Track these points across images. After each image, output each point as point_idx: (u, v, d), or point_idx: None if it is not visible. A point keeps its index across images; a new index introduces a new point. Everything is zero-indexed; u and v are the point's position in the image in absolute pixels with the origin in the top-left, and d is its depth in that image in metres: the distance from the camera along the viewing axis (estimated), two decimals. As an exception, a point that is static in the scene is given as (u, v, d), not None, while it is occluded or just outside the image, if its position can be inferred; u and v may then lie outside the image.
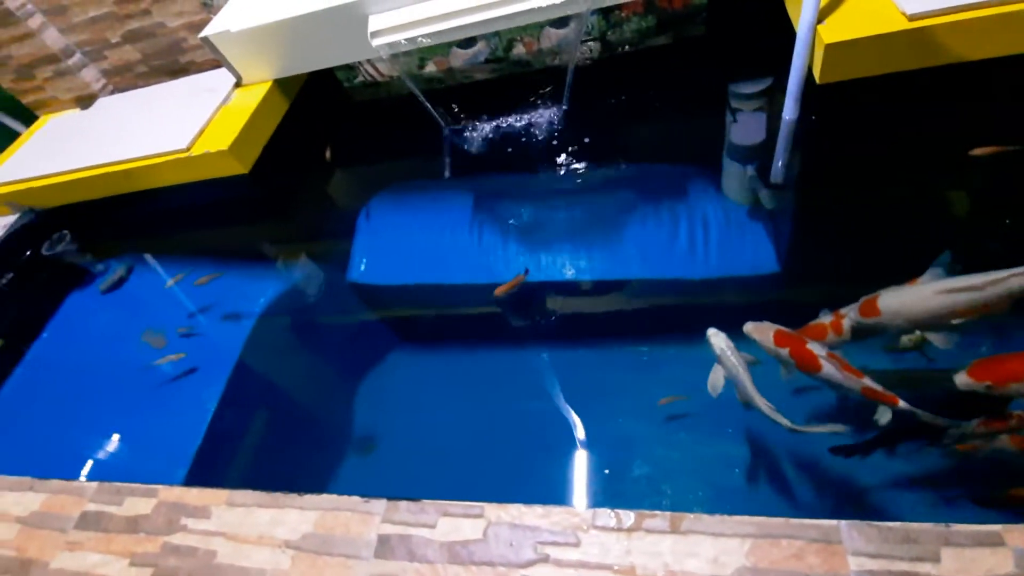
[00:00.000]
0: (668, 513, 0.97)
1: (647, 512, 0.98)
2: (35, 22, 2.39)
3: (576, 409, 1.55)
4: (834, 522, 0.90)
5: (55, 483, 1.41)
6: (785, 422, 1.13)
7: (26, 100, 2.71)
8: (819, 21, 1.47)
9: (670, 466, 1.40)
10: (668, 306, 1.75)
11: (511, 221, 2.00)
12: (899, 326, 1.11)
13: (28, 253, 2.42)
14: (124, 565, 1.20)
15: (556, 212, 2.02)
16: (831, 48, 1.43)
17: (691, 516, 0.95)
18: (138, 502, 1.29)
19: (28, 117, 2.78)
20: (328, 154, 2.52)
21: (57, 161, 2.27)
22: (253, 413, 1.87)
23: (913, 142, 1.70)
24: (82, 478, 1.69)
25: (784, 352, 1.14)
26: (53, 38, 2.44)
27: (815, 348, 1.10)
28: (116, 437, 1.82)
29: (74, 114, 2.62)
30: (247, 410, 1.86)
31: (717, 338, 1.24)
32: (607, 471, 1.42)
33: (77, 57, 2.52)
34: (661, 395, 1.52)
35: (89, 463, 1.76)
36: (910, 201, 1.64)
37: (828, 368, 1.08)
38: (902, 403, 1.03)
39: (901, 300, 1.09)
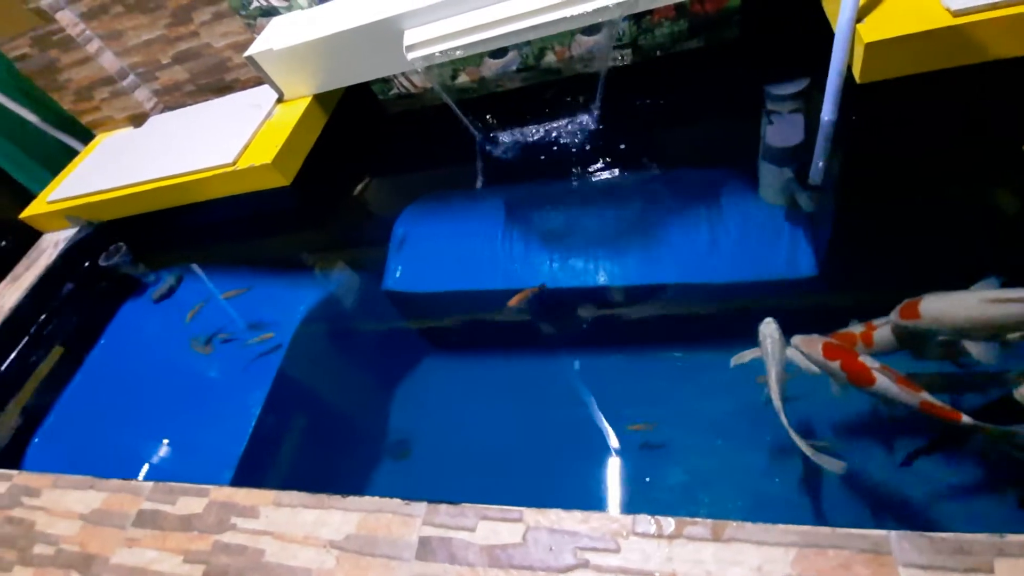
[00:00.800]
0: (710, 520, 0.96)
1: (688, 519, 0.97)
2: (93, 47, 2.54)
3: (609, 416, 1.54)
4: (883, 532, 0.87)
5: (114, 482, 1.48)
6: (795, 437, 1.12)
7: (84, 120, 2.87)
8: (858, 20, 1.44)
9: (707, 474, 1.38)
10: (702, 311, 1.73)
11: (543, 228, 2.02)
12: (938, 333, 1.06)
13: (86, 264, 2.56)
14: (178, 562, 1.25)
15: (589, 218, 2.02)
16: (872, 47, 1.40)
17: (734, 524, 0.94)
18: (191, 501, 1.35)
19: (86, 136, 2.94)
20: (364, 165, 2.59)
21: (112, 177, 2.39)
22: (294, 417, 1.93)
23: (959, 142, 1.64)
24: (140, 477, 1.77)
25: (835, 365, 1.10)
26: (109, 61, 2.59)
27: (868, 361, 1.06)
28: (167, 439, 1.91)
29: (128, 132, 2.77)
30: (289, 414, 1.92)
31: (768, 327, 1.25)
32: (642, 478, 1.41)
33: (131, 79, 2.66)
34: (696, 402, 1.51)
35: (143, 463, 1.85)
36: (955, 204, 1.58)
37: (882, 381, 1.03)
38: (966, 419, 0.97)
39: (945, 305, 1.04)
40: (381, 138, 2.67)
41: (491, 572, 1.01)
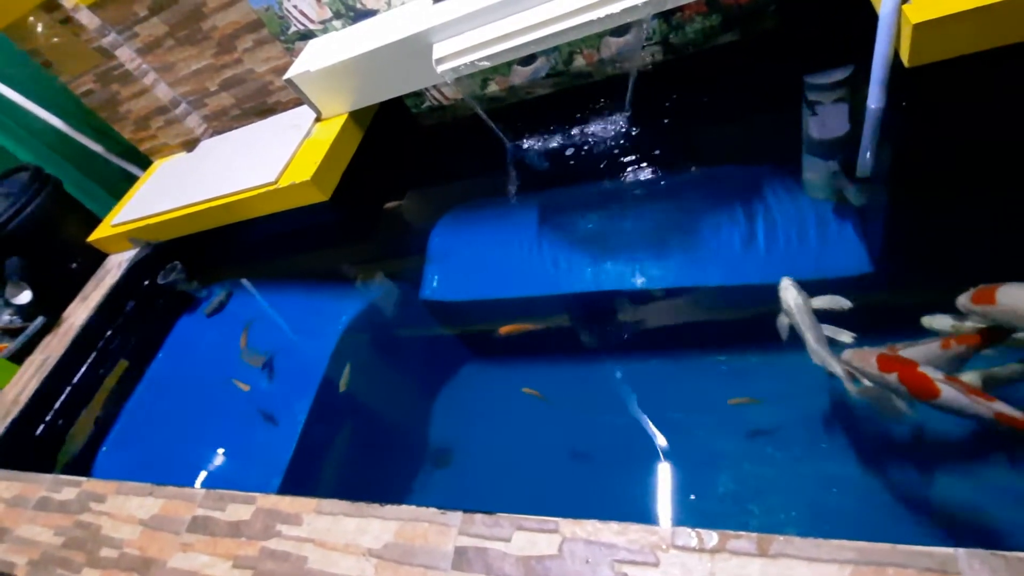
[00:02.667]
0: (755, 534, 0.91)
1: (731, 532, 0.93)
2: (149, 79, 2.71)
3: (653, 422, 1.50)
4: (950, 550, 0.80)
5: (170, 489, 1.55)
6: (849, 386, 1.07)
7: (143, 148, 3.07)
8: (904, 0, 1.36)
9: (758, 484, 1.31)
10: (747, 314, 1.67)
11: (579, 233, 2.00)
12: (1010, 323, 0.99)
13: (146, 283, 2.72)
14: (228, 567, 1.30)
15: (625, 221, 1.99)
16: (919, 28, 1.31)
17: (781, 538, 0.89)
18: (239, 508, 1.40)
19: (145, 163, 3.14)
20: (400, 177, 2.64)
21: (168, 200, 2.54)
22: (338, 425, 1.97)
23: (1020, 126, 1.51)
24: (196, 483, 1.86)
25: (892, 378, 1.02)
26: (163, 92, 2.76)
27: (930, 371, 0.98)
28: (220, 447, 1.99)
29: (181, 157, 2.93)
30: (333, 422, 1.96)
31: (787, 292, 1.23)
32: (689, 488, 1.36)
33: (182, 107, 2.83)
34: (744, 407, 1.44)
35: (199, 470, 1.93)
36: (1017, 194, 1.46)
37: (949, 393, 0.95)
38: None
39: None
40: (415, 150, 2.72)
41: (527, 584, 0.99)
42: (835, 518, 1.21)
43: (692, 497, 1.34)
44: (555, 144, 2.27)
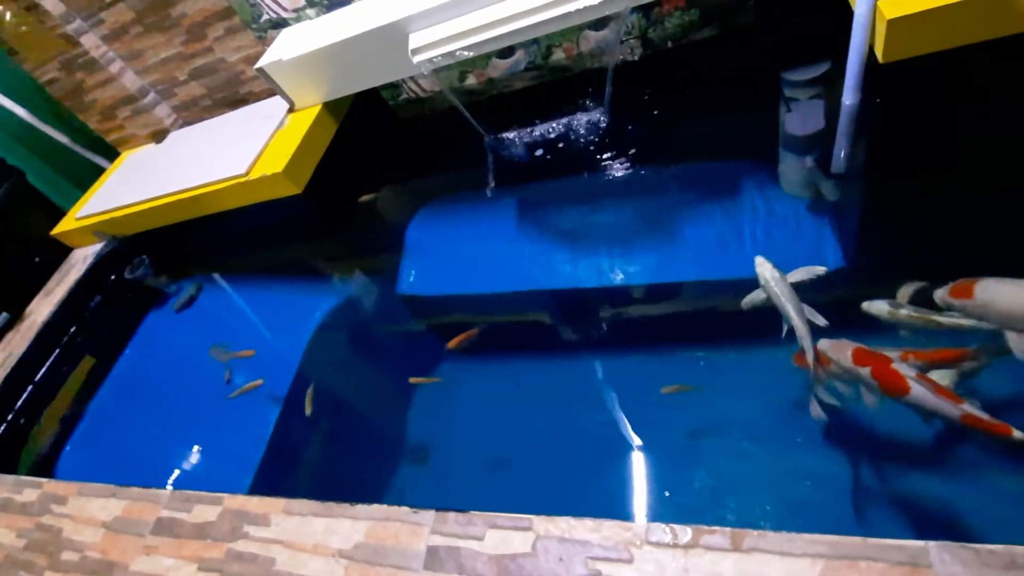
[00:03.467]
0: (729, 529, 0.90)
1: (705, 528, 0.92)
2: (115, 67, 2.62)
3: (631, 418, 1.49)
4: (922, 543, 0.80)
5: (134, 490, 1.50)
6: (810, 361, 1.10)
7: (110, 138, 2.97)
8: (879, -5, 1.36)
9: (735, 478, 1.31)
10: (725, 309, 1.67)
11: (557, 228, 1.98)
12: (985, 318, 1.00)
13: (113, 278, 2.64)
14: (193, 570, 1.26)
15: (603, 216, 1.98)
16: (894, 23, 1.32)
17: (755, 533, 0.89)
18: (206, 509, 1.35)
19: (111, 154, 3.04)
20: (376, 170, 2.60)
21: (134, 192, 2.46)
22: (312, 422, 1.93)
23: (993, 122, 1.53)
24: (169, 483, 1.80)
25: (865, 372, 1.03)
26: (131, 80, 2.67)
27: (903, 368, 0.98)
28: (188, 446, 1.93)
29: (149, 148, 2.85)
30: (306, 421, 1.92)
31: (763, 268, 1.26)
32: (666, 483, 1.36)
33: (151, 96, 2.74)
34: (720, 402, 1.44)
35: (167, 469, 1.88)
36: (990, 189, 1.48)
37: (918, 391, 0.95)
38: (1017, 433, 0.89)
39: (1007, 291, 0.97)
40: (392, 143, 2.67)
41: (500, 583, 0.97)
42: (809, 512, 1.22)
43: (669, 493, 1.34)
44: (534, 138, 2.25)
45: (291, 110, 2.30)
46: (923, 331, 1.17)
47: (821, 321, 1.20)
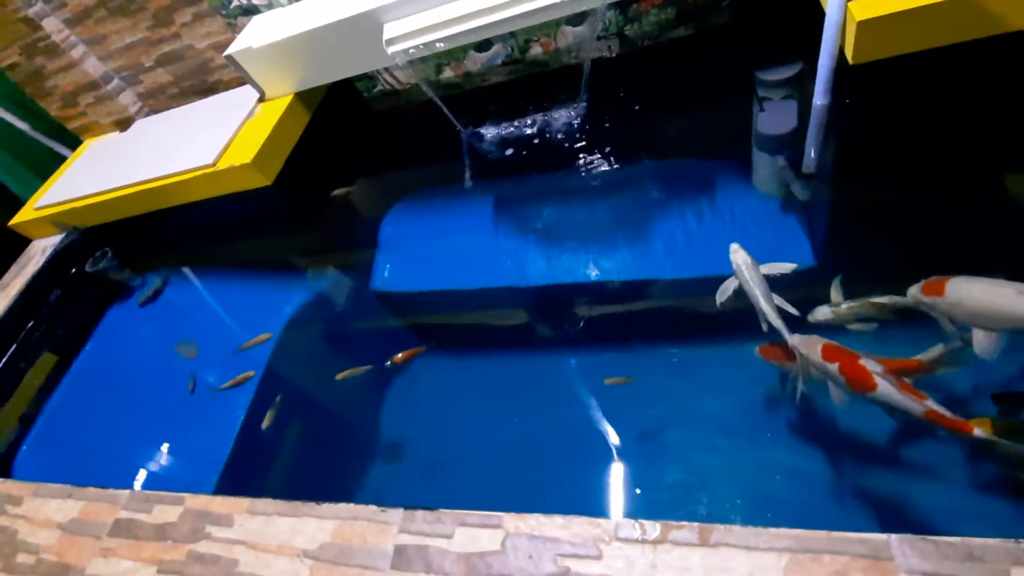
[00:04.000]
0: (697, 524, 0.91)
1: (673, 523, 0.92)
2: (77, 52, 2.52)
3: (606, 414, 1.49)
4: (884, 536, 0.82)
5: (91, 491, 1.45)
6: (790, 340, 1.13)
7: (71, 126, 2.85)
8: (850, -3, 1.38)
9: (706, 474, 1.32)
10: (698, 306, 1.68)
11: (533, 224, 1.97)
12: (957, 317, 1.01)
13: (73, 270, 2.54)
14: (152, 572, 1.22)
15: (579, 213, 1.97)
16: (864, 25, 1.34)
17: (722, 527, 0.89)
18: (167, 510, 1.31)
19: (73, 142, 2.92)
20: (350, 163, 2.55)
21: (96, 182, 2.37)
22: (282, 420, 1.89)
23: (960, 124, 1.58)
24: (136, 484, 1.75)
25: (833, 368, 1.04)
26: (93, 66, 2.56)
27: (869, 364, 0.99)
28: (152, 446, 1.88)
29: (113, 137, 2.75)
30: (276, 418, 1.88)
31: (737, 254, 1.29)
32: (639, 479, 1.36)
33: (115, 83, 2.64)
34: (694, 399, 1.45)
35: (129, 469, 1.82)
36: (956, 189, 1.52)
37: (884, 387, 0.96)
38: (978, 431, 0.90)
39: (976, 289, 0.98)
40: (366, 136, 2.63)
41: (468, 581, 0.96)
42: (778, 506, 1.24)
43: (641, 489, 1.34)
44: (510, 133, 2.23)
45: (261, 99, 2.24)
46: (873, 318, 1.22)
47: (792, 310, 1.22)
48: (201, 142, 2.16)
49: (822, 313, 1.28)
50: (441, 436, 1.68)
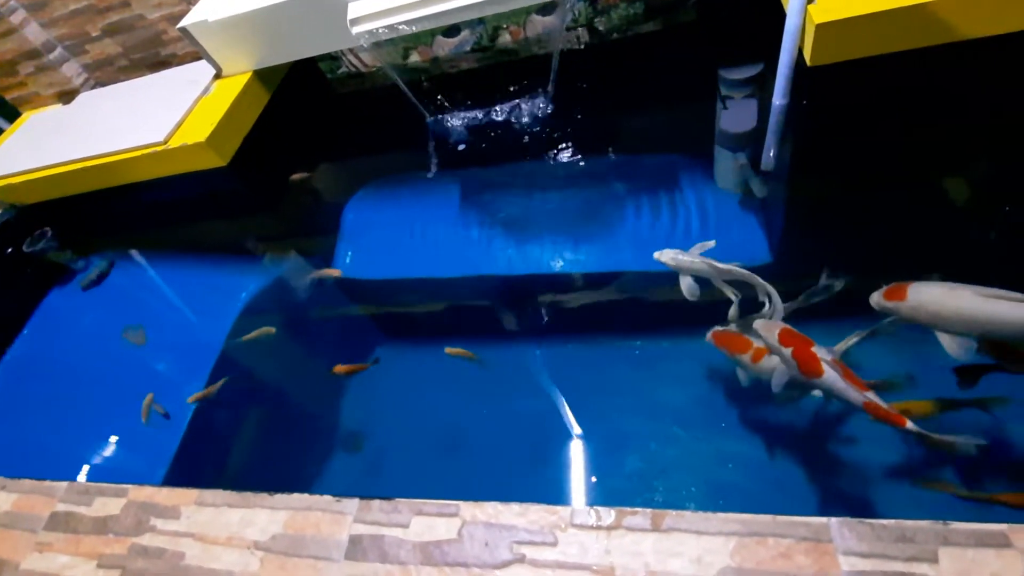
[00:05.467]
0: (650, 510, 0.92)
1: (627, 509, 0.93)
2: (17, 17, 2.36)
3: (569, 405, 1.51)
4: (824, 520, 0.85)
5: (26, 483, 1.37)
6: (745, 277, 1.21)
7: (9, 97, 2.67)
8: (810, 1, 1.42)
9: (664, 462, 1.36)
10: (661, 299, 1.71)
11: (498, 213, 1.96)
12: (919, 320, 1.03)
13: (9, 250, 2.39)
14: (92, 567, 1.16)
15: (545, 204, 1.97)
16: (822, 28, 1.38)
17: (673, 513, 0.91)
18: (108, 502, 1.25)
19: (11, 114, 2.74)
20: (312, 146, 2.47)
21: (38, 157, 2.23)
22: (237, 410, 1.84)
23: (912, 127, 1.64)
24: (81, 477, 1.66)
25: (787, 352, 1.07)
26: (34, 33, 2.40)
27: (820, 352, 1.03)
28: (96, 436, 1.79)
29: (55, 110, 2.59)
30: (231, 407, 1.82)
31: (664, 255, 1.36)
32: (600, 468, 1.39)
33: (58, 52, 2.48)
34: (655, 391, 1.49)
35: (70, 461, 1.74)
36: (907, 189, 1.59)
37: (830, 375, 1.00)
38: (910, 424, 0.95)
39: (937, 293, 1.01)
40: (330, 119, 2.56)
41: (424, 570, 0.95)
42: (731, 492, 1.28)
43: (601, 478, 1.36)
44: (477, 121, 2.21)
45: (218, 76, 2.15)
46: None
47: (731, 294, 1.28)
48: (152, 118, 2.06)
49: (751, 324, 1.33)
50: (403, 426, 1.66)
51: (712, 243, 1.36)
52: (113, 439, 1.78)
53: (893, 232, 1.49)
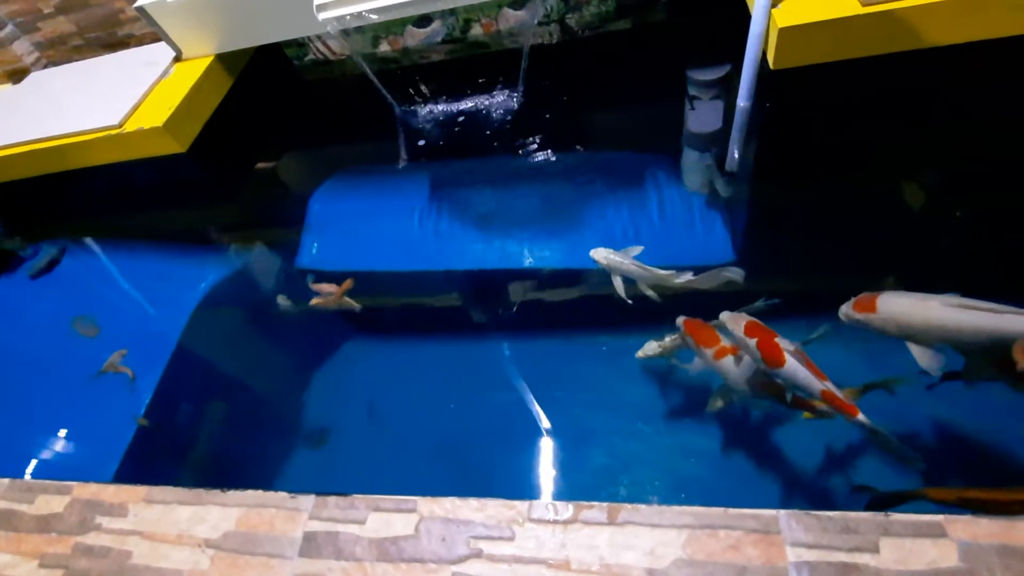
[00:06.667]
0: (606, 504, 0.93)
1: (585, 503, 0.94)
2: (-40, -11, 2.23)
3: (535, 400, 1.51)
4: (773, 512, 0.87)
5: (-37, 481, 1.30)
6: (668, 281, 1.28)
7: (-48, 73, 2.53)
8: (774, 4, 1.44)
9: (629, 457, 1.38)
10: (627, 295, 1.72)
11: (466, 207, 1.95)
12: (889, 331, 1.04)
13: (-49, 237, 2.27)
14: (33, 567, 1.11)
15: (513, 199, 1.97)
16: (785, 32, 1.41)
17: (629, 507, 0.92)
18: (51, 500, 1.20)
19: (-46, 92, 2.59)
20: (277, 134, 2.41)
21: (-18, 137, 2.11)
22: (194, 404, 1.78)
23: (873, 130, 1.69)
24: (27, 475, 1.59)
25: (752, 343, 1.10)
26: (-20, 7, 2.28)
27: (783, 343, 1.06)
28: (43, 431, 1.72)
29: (4, 89, 2.46)
30: (188, 401, 1.77)
31: (598, 254, 1.42)
32: (565, 463, 1.39)
33: (8, 29, 2.36)
34: (621, 386, 1.50)
35: (15, 459, 1.66)
36: (865, 192, 1.64)
37: (792, 365, 1.03)
38: (860, 416, 0.99)
39: (906, 304, 1.01)
40: (296, 107, 2.49)
41: (379, 567, 0.94)
42: (692, 486, 1.31)
43: (567, 473, 1.38)
44: (447, 113, 2.19)
45: (178, 59, 2.07)
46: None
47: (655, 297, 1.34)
48: (106, 100, 1.97)
49: (650, 348, 1.41)
50: (368, 422, 1.64)
51: (641, 248, 1.43)
52: (61, 434, 1.71)
53: (852, 233, 1.54)
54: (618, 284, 1.40)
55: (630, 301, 1.39)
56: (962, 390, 1.10)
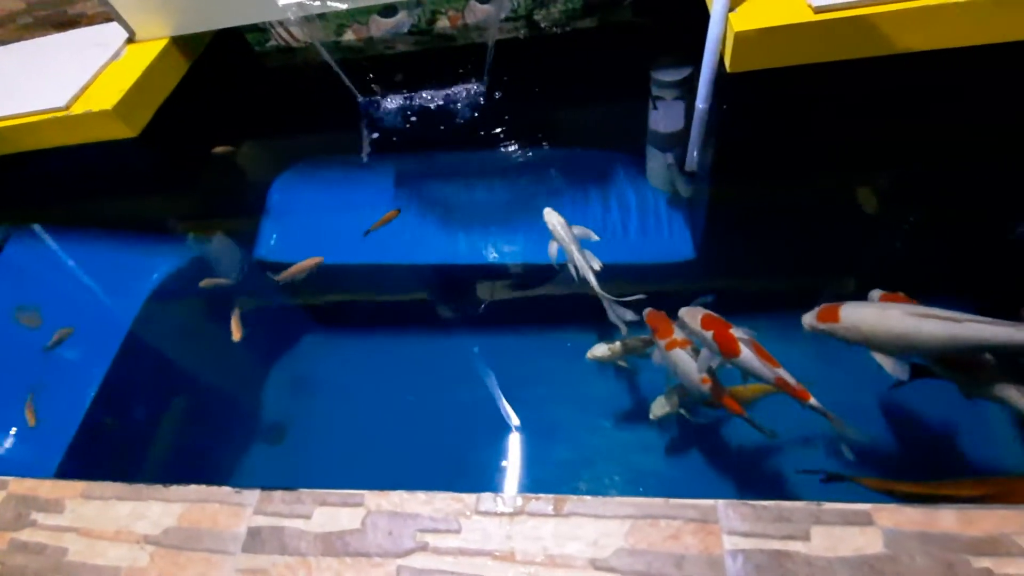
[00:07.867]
0: (552, 496, 0.95)
1: (531, 495, 0.95)
2: None
3: (498, 395, 1.52)
4: (711, 501, 0.89)
5: None
6: (597, 290, 1.28)
7: None
8: (732, 9, 1.47)
9: (590, 452, 1.40)
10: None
11: (429, 200, 1.94)
12: (853, 340, 1.05)
13: None
14: (-37, 566, 1.07)
15: (477, 193, 1.97)
16: (741, 36, 1.44)
17: (574, 498, 0.93)
18: (-16, 496, 1.15)
19: None
20: (236, 121, 2.34)
21: (-82, 116, 2.00)
22: (144, 398, 1.73)
23: (827, 133, 1.74)
24: None
25: (708, 335, 1.13)
26: (-82, -22, 2.15)
27: (737, 333, 1.10)
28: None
29: (-56, 66, 2.32)
30: (137, 395, 1.72)
31: (551, 216, 1.39)
32: (529, 457, 1.40)
33: (-52, 1, 2.23)
34: (584, 383, 1.52)
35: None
36: (820, 192, 1.69)
37: (746, 354, 1.07)
38: (812, 400, 1.02)
39: (868, 313, 1.03)
40: (256, 94, 2.43)
41: (324, 561, 0.94)
42: (650, 479, 1.34)
43: (530, 466, 1.39)
44: (410, 105, 2.16)
45: (131, 40, 1.99)
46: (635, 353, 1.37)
47: (596, 264, 1.33)
48: (53, 81, 1.89)
49: (600, 350, 1.42)
50: (328, 416, 1.63)
51: (594, 236, 1.41)
52: (2, 427, 1.64)
53: (807, 232, 1.58)
54: (552, 249, 1.41)
55: (557, 267, 1.39)
56: (916, 387, 1.14)
